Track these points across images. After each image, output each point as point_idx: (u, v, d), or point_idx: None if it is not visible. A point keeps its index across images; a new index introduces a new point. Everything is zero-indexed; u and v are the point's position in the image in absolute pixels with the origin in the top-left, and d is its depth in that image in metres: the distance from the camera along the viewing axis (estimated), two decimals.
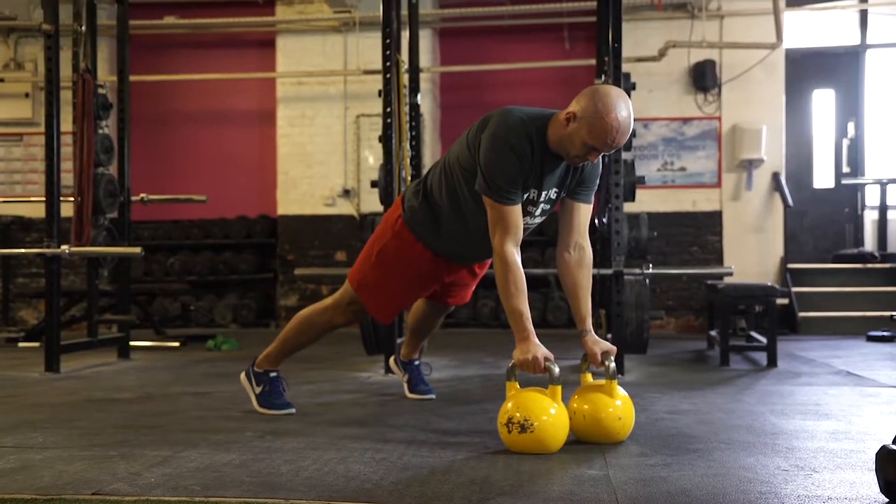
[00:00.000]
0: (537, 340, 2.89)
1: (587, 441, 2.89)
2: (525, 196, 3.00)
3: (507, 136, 2.90)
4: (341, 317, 3.50)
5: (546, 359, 2.83)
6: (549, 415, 2.75)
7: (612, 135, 2.81)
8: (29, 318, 9.07)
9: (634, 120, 2.96)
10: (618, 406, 2.90)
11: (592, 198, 3.14)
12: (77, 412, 3.64)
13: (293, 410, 3.53)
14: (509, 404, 2.81)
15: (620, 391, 2.94)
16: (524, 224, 3.06)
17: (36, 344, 6.39)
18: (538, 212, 3.10)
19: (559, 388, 2.81)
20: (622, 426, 2.90)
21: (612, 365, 2.93)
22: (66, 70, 5.47)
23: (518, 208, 2.96)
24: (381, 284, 3.39)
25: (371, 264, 3.40)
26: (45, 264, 5.22)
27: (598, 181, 3.14)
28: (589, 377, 3.06)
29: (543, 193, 3.04)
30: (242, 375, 3.63)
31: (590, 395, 2.93)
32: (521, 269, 2.95)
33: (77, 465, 2.58)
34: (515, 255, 2.95)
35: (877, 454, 2.17)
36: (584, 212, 3.11)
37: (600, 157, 3.06)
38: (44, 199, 5.24)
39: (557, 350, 2.89)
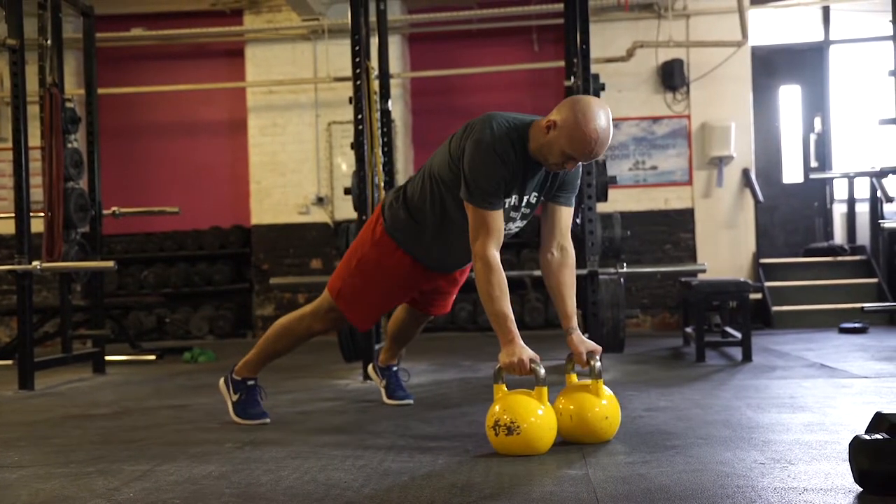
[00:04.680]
0: (522, 342, 2.89)
1: (574, 441, 2.90)
2: (508, 203, 3.03)
3: (491, 142, 2.91)
4: (320, 324, 3.50)
5: (532, 360, 2.83)
6: (536, 416, 2.76)
7: (591, 146, 2.84)
8: (1, 335, 8.97)
9: None
10: (604, 405, 2.91)
11: (573, 200, 3.17)
12: (53, 429, 3.61)
13: (268, 420, 3.52)
14: (496, 407, 2.82)
15: (606, 390, 2.95)
16: (506, 229, 3.09)
17: (9, 362, 6.31)
18: (519, 217, 3.13)
19: (545, 389, 2.82)
20: (609, 425, 2.91)
21: (598, 364, 2.94)
22: (32, 84, 5.42)
23: (500, 213, 2.98)
24: (361, 293, 3.39)
25: (350, 273, 3.40)
26: (16, 281, 5.17)
27: (578, 184, 3.16)
28: (574, 377, 3.08)
29: (524, 198, 3.07)
30: (221, 382, 3.63)
31: (575, 394, 2.94)
32: (503, 272, 2.96)
33: (54, 482, 2.56)
34: (497, 259, 2.96)
35: (850, 444, 2.20)
36: (565, 214, 3.13)
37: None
38: (13, 215, 5.19)
39: (535, 351, 2.90)
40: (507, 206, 3.03)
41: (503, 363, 2.88)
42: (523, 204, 3.08)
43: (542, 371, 2.83)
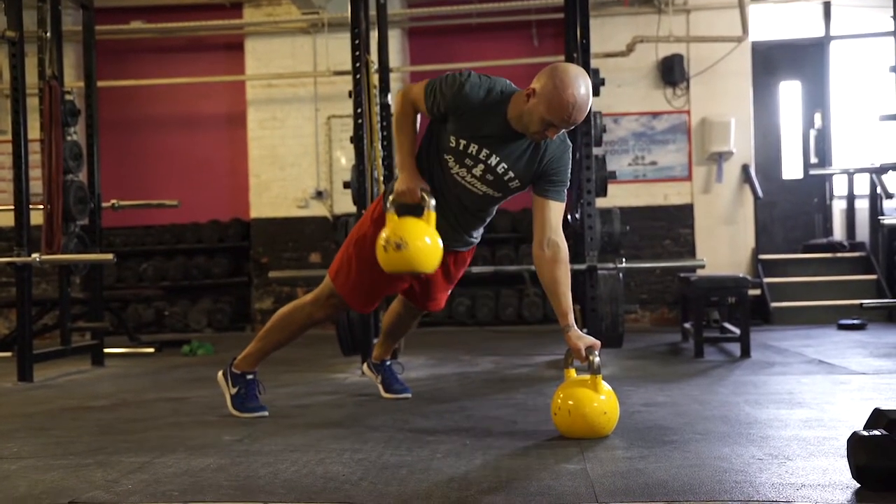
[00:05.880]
0: (417, 174, 3.19)
1: (573, 436, 2.91)
2: (466, 147, 3.09)
3: (469, 74, 3.09)
4: (321, 311, 3.51)
5: (423, 189, 3.14)
6: (422, 238, 3.05)
7: (569, 111, 2.87)
8: (0, 327, 8.97)
9: (604, 115, 3.01)
10: (602, 401, 2.92)
11: (563, 195, 3.17)
12: (52, 421, 3.61)
13: (266, 413, 3.52)
14: (388, 227, 3.10)
15: (605, 386, 2.96)
16: (461, 180, 3.18)
17: (8, 354, 6.32)
18: (478, 172, 3.13)
19: (433, 214, 3.12)
20: (607, 420, 2.92)
21: (597, 359, 2.95)
22: (32, 77, 5.40)
23: (424, 107, 3.16)
24: (357, 272, 3.40)
25: (349, 253, 3.43)
26: (15, 273, 5.17)
27: (567, 179, 3.16)
28: (573, 372, 3.08)
29: (484, 153, 3.08)
30: (220, 374, 3.63)
31: (574, 390, 2.95)
32: (416, 113, 3.25)
33: (53, 473, 2.56)
34: (416, 104, 3.19)
35: (848, 441, 2.20)
36: (554, 209, 3.13)
37: (569, 155, 3.13)
38: (12, 207, 5.19)
39: (533, 346, 2.91)
40: (460, 147, 3.11)
41: (397, 189, 3.16)
42: (483, 159, 3.09)
43: (432, 201, 3.13)
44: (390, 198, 3.16)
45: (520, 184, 3.16)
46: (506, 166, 3.10)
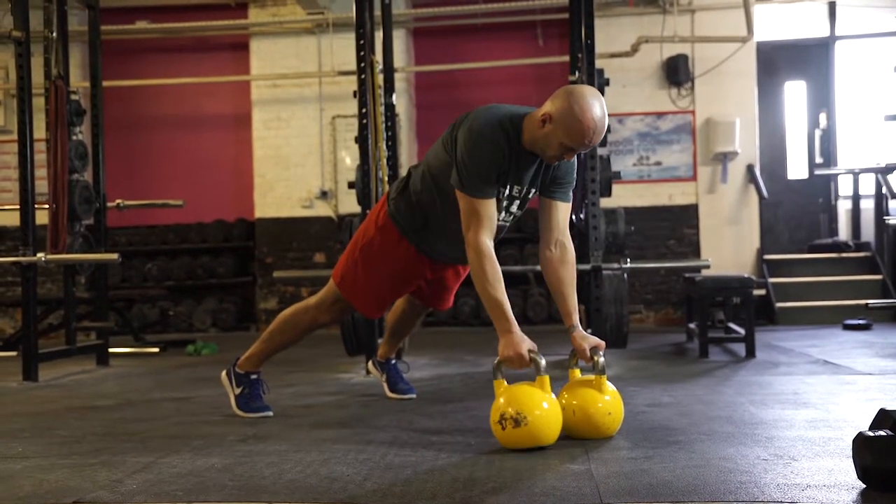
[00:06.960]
0: (520, 332, 2.88)
1: (577, 437, 2.90)
2: (503, 192, 3.03)
3: (481, 130, 2.93)
4: (325, 315, 3.50)
5: (531, 351, 2.83)
6: (542, 407, 2.74)
7: (589, 135, 2.85)
8: (5, 327, 9.00)
9: (609, 115, 2.99)
10: (607, 401, 2.91)
11: (570, 196, 3.17)
12: (56, 421, 3.61)
13: (270, 413, 3.52)
14: (500, 400, 2.78)
15: (609, 386, 2.95)
16: (500, 221, 3.09)
17: (13, 353, 6.34)
18: (514, 208, 3.13)
19: (547, 378, 2.80)
20: (612, 421, 2.91)
21: (601, 360, 2.94)
22: (38, 77, 5.42)
23: (492, 202, 2.98)
24: (365, 279, 3.39)
25: (354, 259, 3.41)
26: (20, 272, 5.17)
27: (573, 179, 3.16)
28: (577, 373, 3.07)
29: (517, 189, 3.07)
30: (223, 374, 3.62)
31: (579, 390, 2.94)
32: (496, 261, 2.96)
33: (58, 473, 2.56)
34: (490, 247, 2.97)
35: (854, 441, 2.20)
36: (562, 209, 3.13)
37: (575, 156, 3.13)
38: (18, 206, 5.20)
39: (538, 346, 2.90)
40: (502, 195, 3.03)
41: (502, 356, 2.88)
42: (516, 193, 3.07)
43: (543, 361, 2.82)
44: (496, 363, 2.90)
45: (536, 193, 3.15)
46: (527, 185, 3.10)
